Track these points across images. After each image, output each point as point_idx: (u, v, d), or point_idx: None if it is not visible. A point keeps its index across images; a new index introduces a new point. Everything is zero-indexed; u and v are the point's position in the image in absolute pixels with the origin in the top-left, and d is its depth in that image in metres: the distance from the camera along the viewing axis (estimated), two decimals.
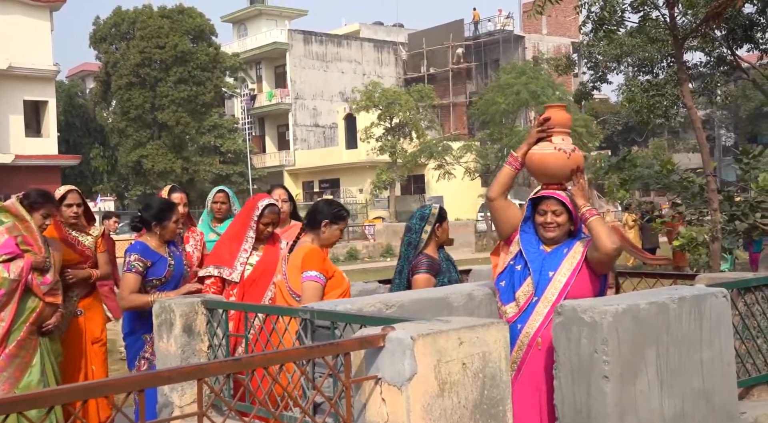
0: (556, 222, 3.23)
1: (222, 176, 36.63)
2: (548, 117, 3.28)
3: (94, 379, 4.62)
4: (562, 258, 3.20)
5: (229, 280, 4.22)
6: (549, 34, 44.91)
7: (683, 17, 14.35)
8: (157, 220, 4.29)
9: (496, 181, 3.33)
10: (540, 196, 3.27)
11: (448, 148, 32.12)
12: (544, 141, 3.29)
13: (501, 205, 3.33)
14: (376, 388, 2.28)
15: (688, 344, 3.02)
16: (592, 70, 19.71)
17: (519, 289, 3.22)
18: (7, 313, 4.32)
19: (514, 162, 3.32)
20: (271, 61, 45.05)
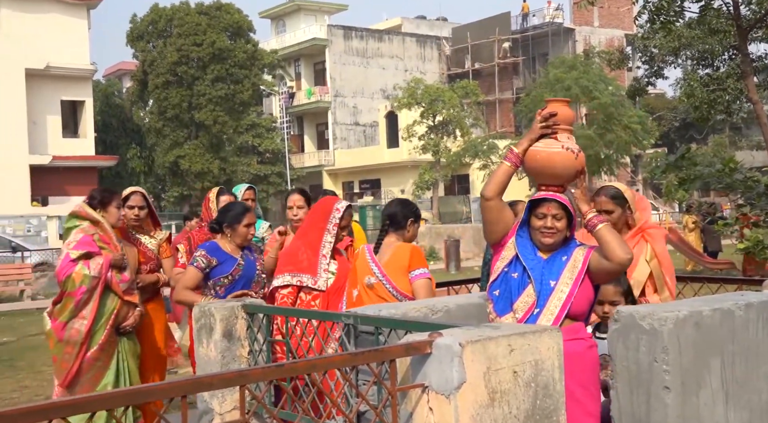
0: (556, 227, 3.07)
1: (260, 176, 37.00)
2: (554, 112, 3.13)
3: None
4: (562, 266, 3.07)
5: (313, 288, 4.13)
6: (601, 26, 44.29)
7: (747, 7, 14.02)
8: (228, 223, 4.43)
9: (494, 179, 3.17)
10: (540, 198, 3.12)
11: (494, 147, 31.91)
12: (547, 138, 3.14)
13: (497, 206, 3.16)
14: (423, 396, 2.27)
15: (756, 354, 2.95)
16: (647, 64, 19.39)
17: (518, 299, 3.06)
18: (89, 311, 4.46)
19: (515, 159, 3.16)
20: (310, 57, 45.35)
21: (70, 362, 4.42)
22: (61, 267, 4.46)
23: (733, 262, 13.35)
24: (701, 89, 15.33)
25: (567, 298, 3.01)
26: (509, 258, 3.13)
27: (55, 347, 4.48)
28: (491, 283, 3.15)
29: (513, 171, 3.15)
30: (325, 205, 4.32)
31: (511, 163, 3.15)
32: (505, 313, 3.08)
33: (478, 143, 32.30)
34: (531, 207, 3.13)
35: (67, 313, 4.44)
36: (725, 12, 11.38)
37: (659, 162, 13.14)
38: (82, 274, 4.45)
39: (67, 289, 4.45)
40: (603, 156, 30.08)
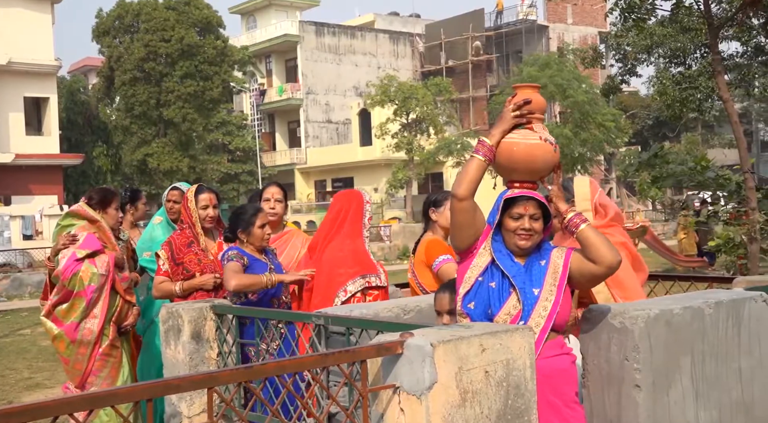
0: (534, 228, 2.81)
1: (230, 175, 36.80)
2: (528, 99, 2.85)
3: None
4: (543, 272, 2.82)
5: (379, 286, 4.06)
6: (575, 23, 44.70)
7: (718, 5, 14.23)
8: (241, 228, 4.20)
9: (466, 176, 2.83)
10: (515, 196, 2.83)
11: (468, 145, 32.07)
12: (520, 128, 2.86)
13: (470, 207, 2.85)
14: (394, 397, 2.28)
15: (726, 352, 3.00)
16: (621, 62, 19.60)
17: (499, 311, 2.79)
18: (99, 310, 4.45)
19: (488, 152, 2.84)
20: (282, 54, 45.19)
21: (84, 363, 4.42)
22: (66, 266, 4.40)
23: (705, 261, 13.58)
24: (673, 87, 15.54)
25: (552, 307, 2.77)
26: (483, 265, 2.85)
27: (67, 349, 4.43)
28: (464, 295, 2.85)
29: (486, 166, 2.85)
30: (358, 200, 4.25)
31: (485, 157, 2.84)
32: None
33: (451, 141, 32.43)
34: (504, 207, 2.85)
35: (79, 313, 4.41)
36: (696, 10, 11.56)
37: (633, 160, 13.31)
38: (90, 272, 4.43)
39: (75, 289, 4.41)
40: (577, 154, 30.36)
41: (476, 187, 2.83)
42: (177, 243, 4.47)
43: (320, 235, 4.25)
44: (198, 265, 4.40)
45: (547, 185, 2.96)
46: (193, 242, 4.45)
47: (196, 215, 4.49)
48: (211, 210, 4.52)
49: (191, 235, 4.48)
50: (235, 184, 37.16)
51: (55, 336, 4.45)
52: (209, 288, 4.32)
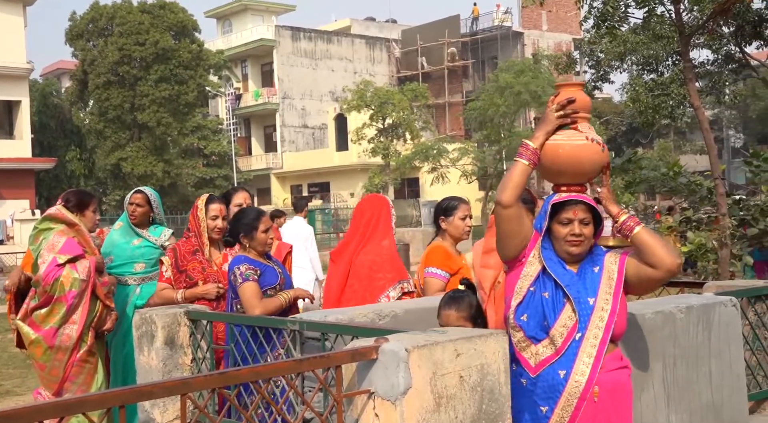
0: (584, 234, 2.67)
1: (206, 180, 36.56)
2: (572, 98, 2.72)
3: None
4: (597, 279, 2.68)
5: (412, 291, 4.12)
6: (549, 30, 45.07)
7: (689, 13, 14.43)
8: (244, 232, 4.09)
9: (510, 182, 2.69)
10: (564, 200, 2.70)
11: (444, 151, 32.17)
12: (565, 129, 2.73)
13: (517, 214, 2.70)
14: (369, 402, 2.28)
15: (696, 356, 3.04)
16: (594, 69, 19.78)
17: (555, 322, 2.63)
18: (78, 316, 4.39)
19: (532, 155, 2.70)
20: (258, 58, 45.03)
21: (61, 369, 4.36)
22: (48, 271, 4.34)
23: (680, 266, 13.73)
24: (646, 94, 15.72)
25: (610, 317, 2.62)
26: (534, 275, 2.70)
27: (44, 355, 4.36)
28: (516, 306, 2.69)
29: (531, 170, 2.72)
30: (386, 205, 4.27)
31: (529, 161, 2.70)
32: (540, 341, 2.65)
33: (428, 146, 32.51)
34: (552, 212, 2.72)
35: (58, 319, 4.35)
36: (668, 18, 11.72)
37: None
38: (72, 277, 4.37)
39: (56, 294, 4.36)
40: None
41: (520, 194, 2.71)
42: (182, 250, 4.39)
43: (349, 241, 4.23)
44: (201, 273, 4.32)
45: (596, 188, 2.83)
46: (198, 251, 4.38)
47: (205, 225, 4.40)
48: (221, 221, 4.42)
49: (197, 243, 4.40)
50: (211, 189, 36.85)
51: (32, 341, 4.37)
52: (211, 298, 4.24)
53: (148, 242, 5.06)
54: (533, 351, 2.66)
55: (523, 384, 2.65)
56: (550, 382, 2.60)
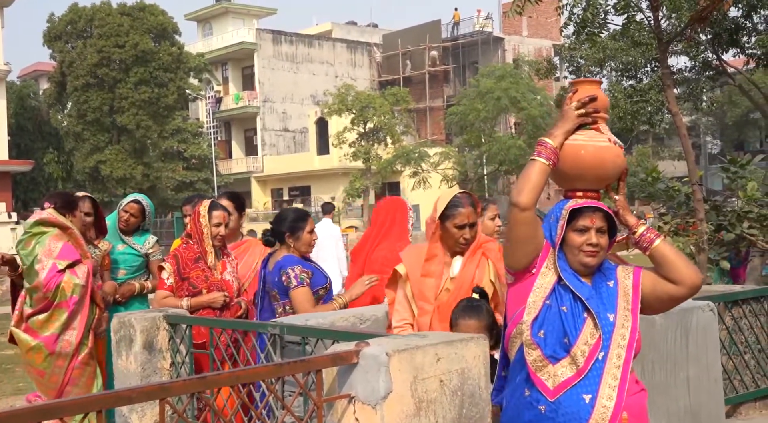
0: (600, 244, 2.49)
1: (186, 183, 36.34)
2: (594, 96, 2.55)
3: None
4: (614, 295, 2.50)
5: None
6: (530, 35, 45.36)
7: (668, 20, 14.59)
8: (290, 231, 4.07)
9: (528, 183, 2.48)
10: (580, 207, 2.52)
11: (425, 155, 32.24)
12: (585, 129, 2.56)
13: (532, 219, 2.50)
14: (349, 407, 2.28)
15: (674, 361, 3.06)
16: (574, 75, 19.95)
17: (577, 339, 2.42)
18: (78, 321, 4.34)
19: (552, 155, 2.50)
20: (238, 61, 44.89)
21: (61, 375, 4.30)
22: (49, 277, 4.26)
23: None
24: (625, 100, 15.88)
25: (631, 335, 2.44)
26: (548, 287, 2.50)
27: (44, 361, 4.29)
28: (532, 322, 2.47)
29: (549, 170, 2.50)
30: (402, 207, 4.25)
31: (548, 160, 2.49)
32: (560, 360, 2.44)
33: (409, 150, 32.57)
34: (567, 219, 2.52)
35: (59, 325, 4.29)
36: (647, 25, 11.85)
37: None
38: (73, 283, 4.31)
39: (57, 300, 4.29)
40: None
41: (539, 195, 2.49)
42: (183, 257, 4.22)
43: (366, 239, 4.28)
44: (205, 282, 4.17)
45: (614, 195, 2.63)
46: (200, 258, 4.22)
47: (208, 232, 4.23)
48: (223, 228, 4.29)
49: (199, 250, 4.23)
50: (190, 192, 36.61)
51: (32, 348, 4.29)
52: (217, 307, 4.11)
53: (132, 249, 5.03)
54: (551, 372, 2.42)
55: (541, 411, 2.41)
56: (574, 408, 2.37)
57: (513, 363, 2.55)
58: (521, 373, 2.49)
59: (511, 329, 2.54)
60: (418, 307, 3.14)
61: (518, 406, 2.50)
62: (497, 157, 30.30)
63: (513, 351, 2.55)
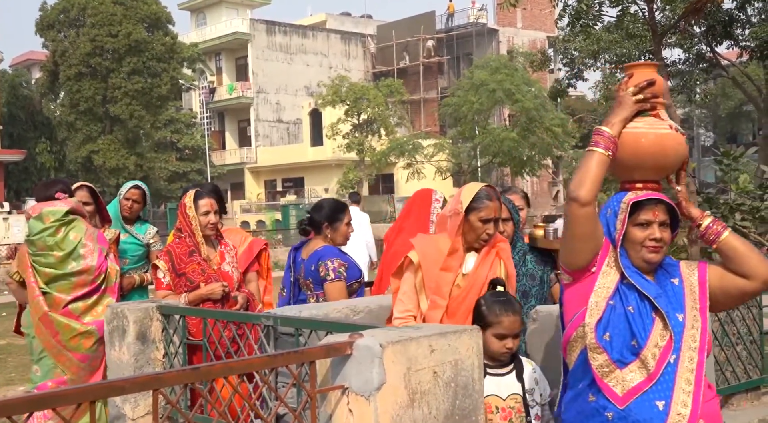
0: (664, 239, 2.34)
1: (179, 173, 36.26)
2: (652, 80, 2.39)
3: None
4: (680, 293, 2.35)
5: None
6: (524, 27, 45.30)
7: (662, 12, 14.60)
8: (328, 222, 4.04)
9: (588, 175, 2.30)
10: (642, 199, 2.36)
11: (419, 146, 32.23)
12: (644, 115, 2.40)
13: (592, 214, 2.31)
14: (343, 398, 2.28)
15: None
16: (568, 67, 19.95)
17: (647, 342, 2.26)
18: None
19: (610, 144, 2.32)
20: (232, 52, 44.73)
21: (99, 360, 4.28)
22: (100, 261, 4.30)
23: None
24: None
25: (702, 337, 2.29)
26: (611, 286, 2.33)
27: (92, 346, 4.26)
28: (596, 324, 2.30)
29: (609, 161, 2.33)
30: (427, 197, 4.18)
31: (607, 150, 2.32)
32: (628, 364, 2.28)
33: (403, 142, 32.55)
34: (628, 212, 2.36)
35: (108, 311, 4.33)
36: (641, 17, 11.86)
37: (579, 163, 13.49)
38: (115, 269, 4.38)
39: (105, 285, 4.33)
40: (525, 157, 30.79)
41: (599, 189, 2.33)
42: (177, 252, 4.08)
43: (393, 227, 4.28)
44: (202, 275, 4.03)
45: (675, 185, 2.48)
46: (195, 252, 4.08)
47: (197, 223, 4.08)
48: (213, 216, 4.12)
49: (191, 243, 4.09)
50: (184, 183, 36.52)
51: (82, 333, 4.24)
52: (217, 298, 3.99)
53: (134, 239, 5.01)
54: (619, 377, 2.26)
55: (608, 418, 2.27)
56: (646, 415, 2.22)
57: (574, 367, 2.39)
58: (584, 379, 2.34)
59: (571, 333, 2.37)
60: (429, 300, 2.97)
61: (582, 412, 2.34)
62: (491, 149, 30.30)
63: (573, 355, 2.39)
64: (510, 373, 2.77)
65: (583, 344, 2.33)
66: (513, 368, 2.78)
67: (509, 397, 2.73)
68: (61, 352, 4.26)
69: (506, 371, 2.77)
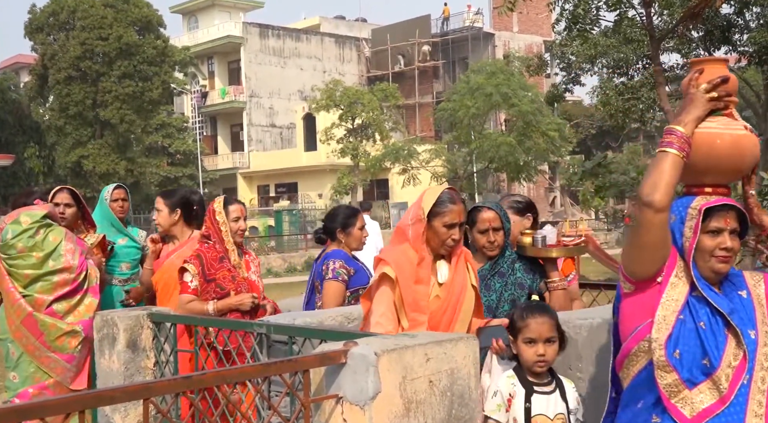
0: (734, 248, 2.21)
1: (170, 179, 36.21)
2: (726, 76, 2.26)
3: None
4: (750, 307, 2.21)
5: None
6: (520, 31, 45.45)
7: (660, 17, 14.67)
8: (341, 227, 4.13)
9: (662, 178, 2.14)
10: (712, 205, 2.23)
11: (414, 152, 32.26)
12: (716, 115, 2.27)
13: (665, 221, 2.17)
14: (337, 407, 2.27)
15: None
16: (565, 71, 20.00)
17: (721, 361, 2.13)
18: (93, 308, 4.38)
19: (684, 145, 2.18)
20: (225, 55, 44.72)
21: (84, 359, 4.32)
22: (81, 260, 4.33)
23: None
24: (616, 97, 15.95)
25: None
26: (681, 300, 2.19)
27: (78, 345, 4.27)
28: (666, 340, 2.16)
29: (683, 163, 2.18)
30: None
31: (681, 151, 2.17)
32: (698, 383, 2.14)
33: (398, 147, 32.58)
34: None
35: (92, 311, 4.31)
36: (639, 22, 11.92)
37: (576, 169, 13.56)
38: (95, 271, 4.41)
39: (86, 285, 4.34)
40: (522, 163, 30.86)
41: (674, 193, 2.19)
42: (207, 257, 4.04)
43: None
44: (232, 282, 4.02)
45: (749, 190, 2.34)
46: (224, 258, 4.06)
47: (227, 228, 4.08)
48: (242, 222, 4.17)
49: (221, 250, 4.07)
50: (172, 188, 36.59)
51: (67, 332, 4.24)
52: (246, 309, 3.97)
53: (133, 242, 5.00)
54: (688, 398, 2.13)
55: None
56: None
57: (633, 384, 2.25)
58: (647, 398, 2.19)
59: (631, 346, 2.22)
60: (409, 319, 2.83)
61: None
62: (487, 155, 30.35)
63: (631, 371, 2.25)
64: (554, 391, 2.68)
65: (646, 360, 2.20)
66: (556, 386, 2.70)
67: (556, 416, 2.64)
68: (45, 354, 4.26)
69: (551, 389, 2.69)
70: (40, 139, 36.61)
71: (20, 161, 34.34)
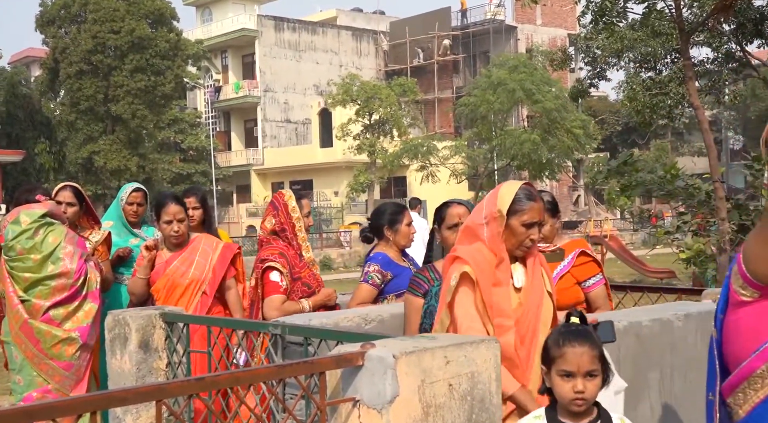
0: None
1: (182, 175, 36.45)
2: None
3: None
4: None
5: None
6: (544, 24, 45.25)
7: (690, 9, 14.54)
8: (389, 225, 4.09)
9: None
10: None
11: (434, 148, 32.20)
12: None
13: None
14: (354, 411, 2.27)
15: (695, 366, 3.05)
16: (590, 66, 19.89)
17: None
18: (94, 313, 4.41)
19: None
20: (239, 49, 44.90)
21: (83, 368, 4.34)
22: (80, 265, 4.32)
23: (673, 271, 13.84)
24: (643, 93, 15.82)
25: None
26: None
27: (74, 354, 4.30)
28: None
29: None
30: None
31: None
32: None
33: (417, 144, 32.54)
34: None
35: (91, 317, 4.35)
36: (668, 14, 11.82)
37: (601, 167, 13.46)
38: (95, 274, 4.41)
39: (85, 290, 4.35)
40: (545, 160, 30.73)
41: None
42: (290, 256, 4.03)
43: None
44: (314, 279, 4.08)
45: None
46: (301, 255, 4.09)
47: (301, 224, 4.08)
48: (310, 218, 4.22)
49: (297, 246, 4.07)
50: (188, 186, 36.77)
51: (64, 340, 4.27)
52: (332, 304, 4.04)
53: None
54: None
55: None
56: None
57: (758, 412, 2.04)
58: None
59: (757, 365, 2.00)
60: (494, 324, 2.67)
61: None
62: (510, 152, 30.23)
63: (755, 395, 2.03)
64: None
65: None
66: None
67: None
68: (43, 361, 4.29)
69: None
70: (50, 134, 36.94)
71: (31, 157, 34.67)
